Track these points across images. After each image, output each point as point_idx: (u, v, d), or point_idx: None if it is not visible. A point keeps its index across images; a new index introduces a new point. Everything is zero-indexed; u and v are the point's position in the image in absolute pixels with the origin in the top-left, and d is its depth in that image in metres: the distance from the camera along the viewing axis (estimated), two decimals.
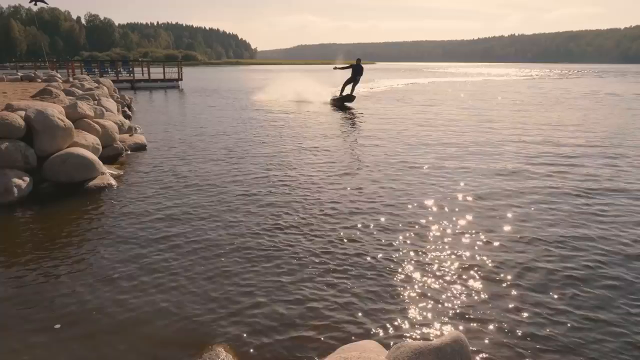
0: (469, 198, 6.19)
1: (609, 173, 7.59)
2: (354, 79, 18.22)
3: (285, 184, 6.79)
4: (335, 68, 18.82)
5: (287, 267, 4.17)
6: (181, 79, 31.88)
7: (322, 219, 5.36)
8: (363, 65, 18.25)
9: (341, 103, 18.38)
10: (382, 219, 5.35)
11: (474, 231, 4.99)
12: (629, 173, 7.61)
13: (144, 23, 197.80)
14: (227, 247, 4.57)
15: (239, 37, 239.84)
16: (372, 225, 5.15)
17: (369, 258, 4.35)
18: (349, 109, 17.45)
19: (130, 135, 9.67)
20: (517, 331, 3.25)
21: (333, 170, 7.62)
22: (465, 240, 4.77)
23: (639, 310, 3.52)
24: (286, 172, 7.49)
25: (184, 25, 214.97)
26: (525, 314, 3.45)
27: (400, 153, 9.14)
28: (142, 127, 11.77)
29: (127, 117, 13.69)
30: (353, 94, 18.31)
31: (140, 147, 9.32)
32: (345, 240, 4.74)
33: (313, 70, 78.36)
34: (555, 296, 3.70)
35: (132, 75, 30.99)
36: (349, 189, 6.58)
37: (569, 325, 3.32)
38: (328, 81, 24.19)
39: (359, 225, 5.15)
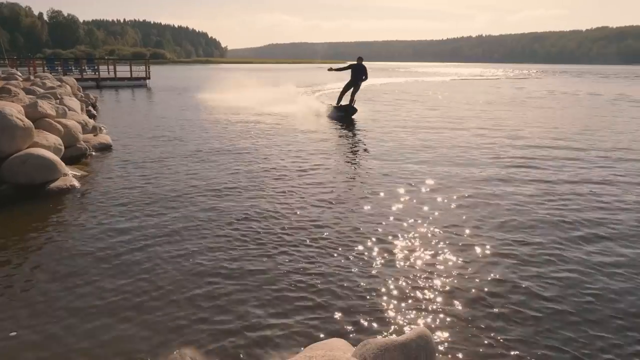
0: (439, 198, 6.29)
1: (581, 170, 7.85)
2: (355, 83, 14.31)
3: (252, 184, 6.75)
4: (330, 69, 14.94)
5: (254, 266, 4.14)
6: (149, 78, 31.25)
7: (288, 220, 5.34)
8: (366, 65, 14.16)
9: (345, 115, 14.28)
10: (349, 218, 5.38)
11: (440, 230, 5.08)
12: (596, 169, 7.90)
13: (110, 20, 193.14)
14: (189, 249, 4.51)
15: (209, 36, 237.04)
16: (339, 225, 5.17)
17: (337, 257, 4.36)
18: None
19: (94, 135, 9.41)
20: (482, 325, 3.32)
21: (304, 170, 7.62)
22: (432, 239, 4.85)
23: (601, 299, 3.65)
24: (254, 173, 7.44)
25: (152, 22, 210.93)
26: (490, 309, 3.53)
27: (374, 151, 9.22)
28: (108, 127, 11.46)
29: (92, 116, 13.34)
30: (354, 104, 14.24)
31: (105, 148, 9.09)
32: (312, 240, 4.74)
33: (285, 70, 78.17)
34: (519, 291, 3.80)
35: (97, 73, 30.17)
36: (320, 189, 6.59)
37: (532, 319, 3.41)
38: (302, 80, 24.05)
39: (326, 225, 5.16)
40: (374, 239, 4.77)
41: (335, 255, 4.39)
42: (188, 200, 5.94)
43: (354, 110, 14.19)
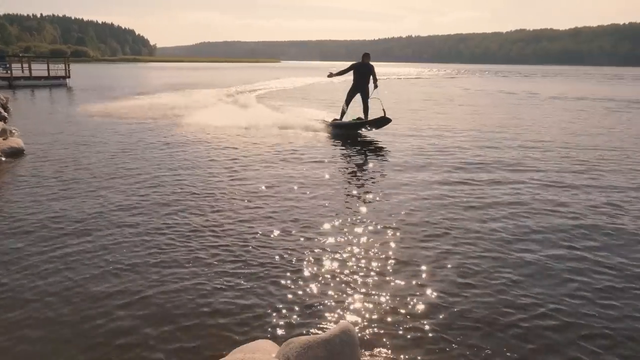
0: (367, 197, 6.40)
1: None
2: (361, 89, 11.16)
3: (174, 196, 6.51)
4: (330, 75, 11.56)
5: (174, 267, 3.99)
6: (69, 77, 29.40)
7: (210, 223, 5.20)
8: (373, 64, 11.18)
9: (351, 130, 11.08)
10: (274, 215, 5.34)
11: (367, 228, 5.15)
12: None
13: (25, 15, 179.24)
14: (99, 252, 4.28)
15: (137, 33, 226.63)
16: (264, 225, 5.10)
17: (263, 256, 4.30)
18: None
19: (4, 139, 8.67)
20: (408, 315, 3.40)
21: (226, 173, 7.47)
22: (358, 236, 4.90)
23: (519, 287, 3.87)
24: (176, 183, 7.17)
25: (73, 18, 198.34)
26: (414, 302, 3.62)
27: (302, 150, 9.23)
28: (21, 130, 10.61)
29: (2, 118, 12.29)
30: (385, 114, 10.44)
31: (17, 152, 8.39)
32: (236, 240, 4.65)
33: (218, 68, 76.53)
34: (442, 284, 3.93)
35: (9, 72, 27.86)
36: (249, 187, 6.48)
37: (455, 312, 3.51)
38: (238, 79, 23.45)
39: (250, 223, 5.09)
40: (302, 238, 4.76)
41: (262, 254, 4.33)
42: (103, 214, 5.40)
43: (383, 122, 10.62)
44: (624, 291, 3.81)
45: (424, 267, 4.15)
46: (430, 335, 3.19)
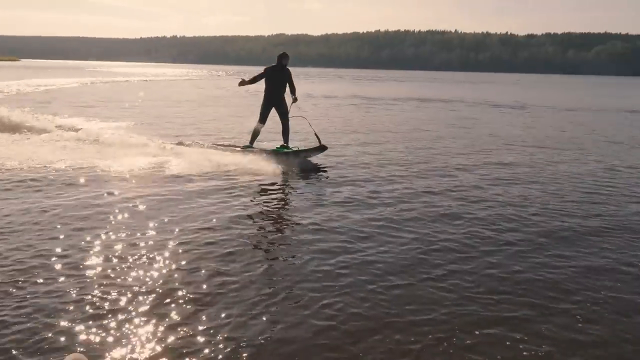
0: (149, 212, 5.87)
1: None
2: (276, 100, 9.21)
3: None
4: (242, 83, 9.22)
5: None
6: None
7: None
8: (290, 69, 9.23)
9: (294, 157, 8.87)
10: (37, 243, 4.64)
11: (135, 247, 4.76)
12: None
13: None
14: None
15: None
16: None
17: None
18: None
19: None
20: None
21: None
22: (125, 258, 4.48)
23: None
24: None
25: None
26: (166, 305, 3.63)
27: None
28: None
29: None
30: (321, 142, 8.85)
31: None
32: None
33: None
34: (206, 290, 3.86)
35: None
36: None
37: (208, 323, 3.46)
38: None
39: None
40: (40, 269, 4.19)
41: None
42: None
43: (320, 151, 8.88)
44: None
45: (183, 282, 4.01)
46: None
